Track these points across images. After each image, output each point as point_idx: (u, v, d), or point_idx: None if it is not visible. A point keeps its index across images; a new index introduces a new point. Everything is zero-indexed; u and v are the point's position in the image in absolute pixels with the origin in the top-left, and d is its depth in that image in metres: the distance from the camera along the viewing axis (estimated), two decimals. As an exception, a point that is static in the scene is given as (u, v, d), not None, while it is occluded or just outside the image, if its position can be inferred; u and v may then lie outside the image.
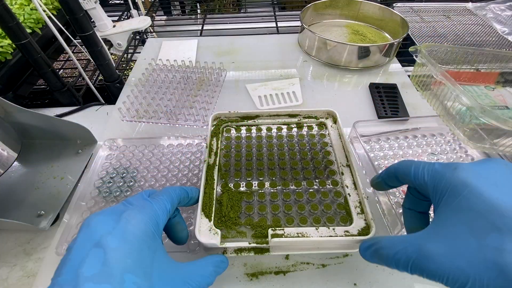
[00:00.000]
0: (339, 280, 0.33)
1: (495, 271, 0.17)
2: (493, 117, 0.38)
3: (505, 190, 0.20)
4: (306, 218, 0.32)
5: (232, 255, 0.31)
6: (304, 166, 0.37)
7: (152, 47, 0.73)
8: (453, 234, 0.20)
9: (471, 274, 0.18)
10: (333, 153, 0.38)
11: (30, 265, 0.36)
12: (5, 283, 0.34)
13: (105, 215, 0.23)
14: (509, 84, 0.55)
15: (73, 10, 0.48)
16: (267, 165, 0.37)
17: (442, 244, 0.20)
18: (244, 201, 0.34)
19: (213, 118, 0.42)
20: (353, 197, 0.33)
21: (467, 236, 0.19)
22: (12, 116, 0.43)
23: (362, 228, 0.30)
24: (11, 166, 0.41)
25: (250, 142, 0.40)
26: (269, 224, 0.31)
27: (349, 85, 0.61)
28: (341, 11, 0.77)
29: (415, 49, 0.52)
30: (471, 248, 0.19)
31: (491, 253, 0.18)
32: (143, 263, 0.21)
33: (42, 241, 0.38)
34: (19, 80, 0.60)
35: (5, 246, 0.37)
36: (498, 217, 0.18)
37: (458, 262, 0.19)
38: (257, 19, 1.00)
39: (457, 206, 0.21)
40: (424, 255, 0.20)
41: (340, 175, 0.35)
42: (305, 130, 0.41)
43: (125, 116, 0.47)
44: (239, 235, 0.31)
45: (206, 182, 0.34)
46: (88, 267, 0.19)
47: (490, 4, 0.88)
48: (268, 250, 0.31)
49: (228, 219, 0.32)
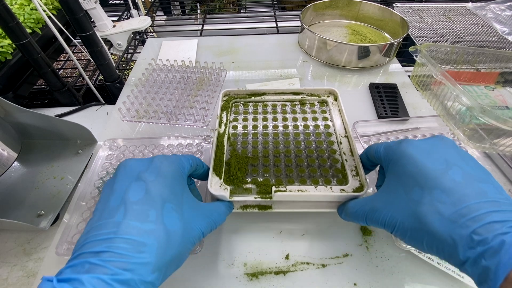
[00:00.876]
0: (339, 280, 0.33)
1: (413, 217, 0.23)
2: (493, 117, 0.38)
3: (433, 157, 0.25)
4: (306, 180, 0.35)
5: (239, 210, 0.34)
6: (306, 137, 0.40)
7: (152, 47, 0.73)
8: (392, 192, 0.26)
9: (399, 220, 0.25)
10: (332, 126, 0.41)
11: (30, 265, 0.36)
12: (5, 283, 0.34)
13: (138, 159, 0.28)
14: (509, 84, 0.55)
15: (73, 10, 0.48)
16: (272, 135, 0.40)
17: (384, 200, 0.27)
18: (250, 165, 0.37)
19: (223, 95, 0.46)
20: (349, 162, 0.36)
21: (401, 192, 0.25)
22: (12, 116, 0.43)
23: (357, 187, 0.33)
24: (11, 166, 0.41)
25: (257, 116, 0.43)
26: (272, 183, 0.34)
27: (349, 85, 0.61)
28: (341, 12, 0.77)
29: (415, 49, 0.52)
30: (401, 201, 0.25)
31: (412, 204, 0.24)
32: (176, 195, 0.26)
33: (42, 241, 0.38)
34: (19, 80, 0.60)
35: (5, 246, 0.37)
36: (422, 177, 0.24)
37: (392, 211, 0.25)
38: (257, 19, 1.00)
39: (397, 171, 0.27)
40: (373, 209, 0.27)
41: (339, 145, 0.38)
42: (307, 107, 0.44)
43: (125, 116, 0.47)
44: (245, 192, 0.34)
45: (217, 147, 0.37)
46: (133, 194, 0.24)
47: (490, 4, 0.87)
48: (270, 207, 0.34)
49: (236, 178, 0.35)
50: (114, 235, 0.21)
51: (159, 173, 0.26)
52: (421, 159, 0.25)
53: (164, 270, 0.23)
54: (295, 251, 0.35)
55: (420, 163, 0.25)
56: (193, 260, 0.35)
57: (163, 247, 0.22)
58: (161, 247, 0.22)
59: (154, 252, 0.21)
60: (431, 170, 0.24)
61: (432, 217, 0.22)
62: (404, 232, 0.24)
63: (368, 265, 0.34)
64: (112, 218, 0.22)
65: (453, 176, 0.23)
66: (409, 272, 0.34)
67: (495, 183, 0.23)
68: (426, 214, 0.22)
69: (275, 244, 0.36)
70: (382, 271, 0.34)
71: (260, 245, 0.36)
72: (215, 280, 0.33)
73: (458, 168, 0.24)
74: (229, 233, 0.37)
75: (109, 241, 0.21)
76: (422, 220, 0.22)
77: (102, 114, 0.57)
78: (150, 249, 0.21)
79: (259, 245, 0.36)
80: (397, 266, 0.34)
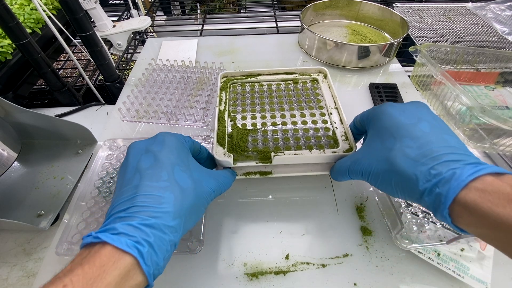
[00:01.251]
0: (339, 280, 0.33)
1: (385, 161, 0.27)
2: (493, 117, 0.38)
3: (407, 114, 0.29)
4: (301, 146, 0.38)
5: (242, 177, 0.38)
6: (300, 110, 0.43)
7: (152, 47, 0.73)
8: (371, 145, 0.30)
9: (373, 166, 0.28)
10: (323, 100, 0.45)
11: (30, 265, 0.36)
12: (5, 283, 0.34)
13: (142, 139, 0.30)
14: (509, 84, 0.55)
15: (73, 10, 0.48)
16: (269, 110, 0.43)
17: (364, 152, 0.31)
18: (250, 136, 0.40)
19: (222, 76, 0.48)
20: (339, 130, 0.39)
21: (378, 143, 0.29)
22: (12, 116, 0.43)
23: (346, 149, 0.37)
24: (11, 166, 0.41)
25: (254, 94, 0.46)
26: (271, 150, 0.37)
27: (349, 85, 0.61)
28: (341, 12, 0.77)
29: (415, 49, 0.52)
30: (377, 150, 0.29)
31: (386, 151, 0.27)
32: (183, 159, 0.29)
33: (42, 241, 0.38)
34: (19, 80, 0.60)
35: (5, 246, 0.37)
36: (395, 129, 0.28)
37: (369, 160, 0.29)
38: (257, 19, 1.00)
39: (376, 126, 0.30)
40: (354, 162, 0.31)
41: (329, 115, 0.42)
42: (300, 85, 0.48)
43: (125, 117, 0.47)
44: (247, 159, 0.37)
45: (219, 122, 0.41)
46: (145, 163, 0.27)
47: (490, 4, 0.87)
48: (270, 172, 0.38)
49: (238, 147, 0.38)
50: (135, 195, 0.24)
51: (164, 144, 0.29)
52: (396, 115, 0.29)
53: (184, 219, 0.25)
54: (295, 251, 0.35)
55: (395, 118, 0.29)
56: (193, 260, 0.35)
57: (179, 199, 0.25)
58: (177, 199, 0.25)
59: (172, 203, 0.24)
60: (404, 123, 0.28)
61: (400, 159, 0.26)
62: (377, 176, 0.28)
63: (368, 265, 0.34)
64: (131, 184, 0.25)
65: (422, 127, 0.27)
66: (409, 272, 0.34)
67: (458, 139, 0.27)
68: (395, 157, 0.26)
69: (275, 244, 0.36)
70: (382, 271, 0.34)
71: (260, 245, 0.36)
72: (215, 280, 0.33)
73: (428, 122, 0.28)
74: (229, 233, 0.37)
75: (132, 200, 0.24)
76: (392, 161, 0.26)
77: (102, 114, 0.57)
78: (168, 201, 0.24)
79: (259, 245, 0.36)
80: (397, 266, 0.34)
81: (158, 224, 0.23)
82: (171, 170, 0.26)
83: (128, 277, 0.21)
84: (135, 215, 0.23)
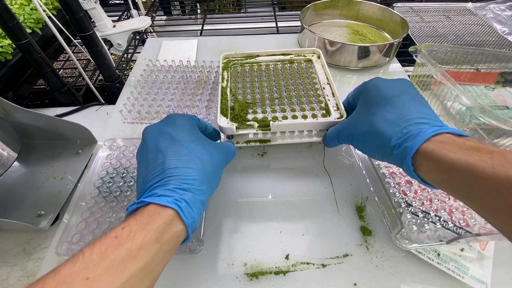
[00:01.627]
0: (339, 280, 0.33)
1: (368, 125, 0.31)
2: (493, 117, 0.38)
3: (392, 87, 0.32)
4: (297, 116, 0.42)
5: (243, 145, 0.43)
6: (296, 86, 0.47)
7: (152, 47, 0.73)
8: (359, 111, 0.34)
9: (356, 130, 0.33)
10: (317, 77, 0.49)
11: (30, 265, 0.36)
12: (5, 283, 0.34)
13: (153, 124, 0.33)
14: (509, 84, 0.55)
15: (73, 10, 0.48)
16: (267, 86, 0.47)
17: (352, 119, 0.35)
18: (251, 108, 0.44)
19: (223, 58, 0.53)
20: (331, 102, 0.44)
21: (364, 111, 0.33)
22: (12, 116, 0.43)
23: (337, 118, 0.41)
24: (11, 166, 0.41)
25: (253, 73, 0.51)
26: (270, 119, 0.41)
27: (349, 85, 0.61)
28: (341, 11, 0.77)
29: (415, 49, 0.52)
30: (363, 116, 0.33)
31: (369, 116, 0.32)
32: (196, 136, 0.32)
33: (42, 241, 0.38)
34: (19, 80, 0.60)
35: (5, 246, 0.37)
36: (380, 98, 0.32)
37: (355, 124, 0.33)
38: (257, 19, 1.00)
39: (365, 97, 0.34)
40: (343, 127, 0.36)
41: (322, 90, 0.46)
42: (295, 64, 0.52)
43: (126, 119, 0.47)
44: (248, 127, 0.41)
45: (222, 96, 0.44)
46: (163, 143, 0.29)
47: (490, 4, 0.87)
48: (269, 140, 0.43)
49: (240, 117, 0.42)
50: (164, 169, 0.27)
51: (176, 125, 0.31)
52: (383, 87, 0.33)
53: (208, 184, 0.29)
54: (295, 251, 0.35)
55: (381, 89, 0.32)
56: (193, 260, 0.35)
57: (201, 168, 0.29)
58: (200, 168, 0.29)
59: (196, 171, 0.28)
60: (389, 93, 0.31)
61: (380, 121, 0.30)
62: (359, 137, 0.32)
63: (368, 265, 0.34)
64: (156, 162, 0.28)
65: (403, 98, 0.31)
66: (409, 272, 0.34)
67: (433, 111, 0.30)
68: (375, 120, 0.30)
69: (275, 244, 0.36)
70: (382, 271, 0.34)
71: (260, 245, 0.36)
72: (215, 280, 0.33)
73: (409, 95, 0.31)
74: (229, 233, 0.37)
75: (162, 173, 0.27)
76: (373, 124, 0.30)
77: (102, 114, 0.57)
78: (193, 170, 0.28)
79: (259, 245, 0.36)
80: (397, 266, 0.34)
81: (190, 188, 0.27)
82: (188, 145, 0.29)
83: (171, 225, 0.25)
84: (169, 182, 0.26)
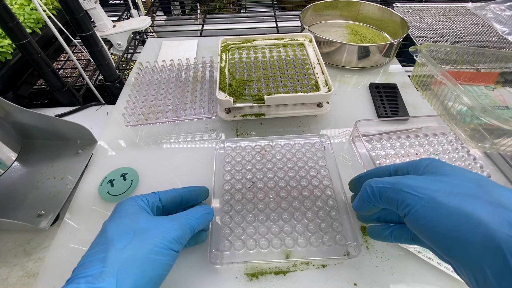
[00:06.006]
0: (339, 280, 0.33)
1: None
2: (494, 117, 0.38)
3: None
4: (290, 91, 0.47)
5: (240, 118, 0.48)
6: (288, 66, 0.52)
7: (152, 47, 0.73)
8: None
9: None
10: (308, 58, 0.54)
11: (30, 265, 0.36)
12: (5, 283, 0.34)
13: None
14: (509, 84, 0.55)
15: (73, 10, 0.48)
16: (262, 66, 0.53)
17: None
18: (247, 85, 0.48)
19: (221, 42, 0.57)
20: (321, 79, 0.49)
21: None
22: (12, 116, 0.43)
23: (326, 92, 0.45)
24: (11, 166, 0.41)
25: (249, 55, 0.56)
26: (264, 94, 0.45)
27: (349, 85, 0.61)
28: (341, 12, 0.77)
29: (415, 49, 0.52)
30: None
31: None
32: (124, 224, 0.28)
33: (42, 241, 0.38)
34: (19, 80, 0.60)
35: (5, 246, 0.37)
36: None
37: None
38: (257, 19, 1.00)
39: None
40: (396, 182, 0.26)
41: (313, 69, 0.51)
42: (289, 47, 0.57)
43: (129, 122, 0.46)
44: (244, 101, 0.45)
45: (220, 74, 0.49)
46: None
47: (490, 4, 0.87)
48: (264, 114, 0.48)
49: (237, 92, 0.46)
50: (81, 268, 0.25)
51: (111, 219, 0.29)
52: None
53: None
54: (295, 251, 0.35)
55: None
56: (193, 260, 0.35)
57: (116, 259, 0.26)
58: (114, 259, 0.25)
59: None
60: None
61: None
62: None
63: (368, 265, 0.34)
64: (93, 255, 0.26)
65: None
66: (409, 272, 0.33)
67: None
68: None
69: (275, 244, 0.36)
70: (382, 271, 0.34)
71: (260, 245, 0.36)
72: (215, 280, 0.33)
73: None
74: (229, 233, 0.37)
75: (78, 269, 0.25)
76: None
77: (102, 114, 0.57)
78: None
79: (259, 245, 0.36)
80: (397, 266, 0.34)
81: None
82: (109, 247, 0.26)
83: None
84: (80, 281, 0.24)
